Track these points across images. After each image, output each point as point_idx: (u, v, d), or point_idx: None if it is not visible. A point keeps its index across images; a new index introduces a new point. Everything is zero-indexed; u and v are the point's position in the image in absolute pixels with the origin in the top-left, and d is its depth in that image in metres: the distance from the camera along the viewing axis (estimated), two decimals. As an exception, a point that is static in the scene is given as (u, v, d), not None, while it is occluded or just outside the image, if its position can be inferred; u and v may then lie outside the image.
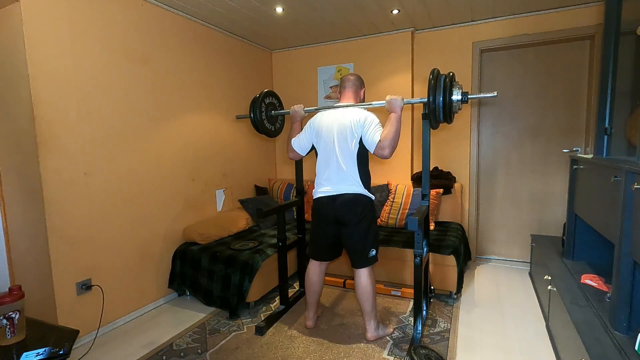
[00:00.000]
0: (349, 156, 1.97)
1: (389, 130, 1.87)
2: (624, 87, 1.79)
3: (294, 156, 2.23)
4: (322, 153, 2.06)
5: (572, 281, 1.97)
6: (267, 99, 2.41)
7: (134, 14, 2.45)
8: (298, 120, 2.27)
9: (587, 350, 1.35)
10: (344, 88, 2.15)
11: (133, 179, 2.46)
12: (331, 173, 2.01)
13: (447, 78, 1.84)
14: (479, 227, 3.51)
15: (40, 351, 1.36)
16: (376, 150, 1.88)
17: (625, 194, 1.35)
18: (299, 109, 2.24)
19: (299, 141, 2.17)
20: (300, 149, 2.18)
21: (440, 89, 1.82)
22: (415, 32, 3.44)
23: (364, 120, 1.95)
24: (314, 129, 2.10)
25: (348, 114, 2.00)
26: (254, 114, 2.31)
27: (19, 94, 1.95)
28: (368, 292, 2.03)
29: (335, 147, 1.98)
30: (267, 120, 2.40)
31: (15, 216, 2.12)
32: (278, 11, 2.85)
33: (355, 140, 1.96)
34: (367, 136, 1.91)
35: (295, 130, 2.24)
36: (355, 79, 2.16)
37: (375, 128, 1.92)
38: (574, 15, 2.90)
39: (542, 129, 3.21)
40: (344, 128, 1.97)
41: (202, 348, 2.08)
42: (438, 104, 1.82)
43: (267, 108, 2.39)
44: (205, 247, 2.71)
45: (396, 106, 1.93)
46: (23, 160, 2.01)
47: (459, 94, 1.83)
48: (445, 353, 1.98)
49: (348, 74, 2.19)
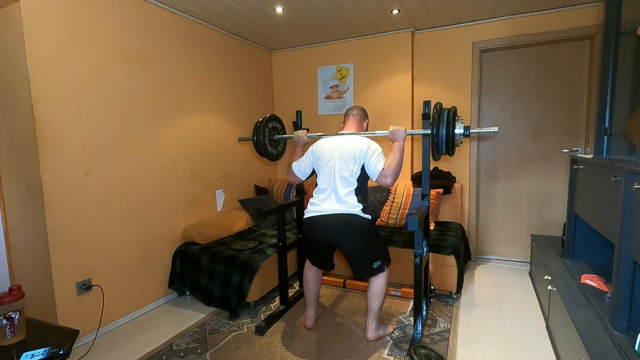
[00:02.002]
0: (347, 182, 1.97)
1: (393, 159, 1.89)
2: (624, 87, 1.78)
3: (294, 180, 2.22)
4: (321, 177, 2.06)
5: (572, 281, 1.97)
6: (271, 123, 2.41)
7: (133, 14, 2.45)
8: (301, 145, 2.27)
9: (587, 350, 1.35)
10: (348, 117, 2.19)
11: (133, 179, 2.46)
12: (328, 196, 2.00)
13: (449, 113, 1.87)
14: (479, 227, 3.51)
15: (40, 351, 1.36)
16: (379, 179, 1.90)
17: (625, 194, 1.35)
18: (302, 134, 2.25)
19: (300, 165, 2.17)
20: (300, 173, 2.18)
21: (444, 122, 1.85)
22: (415, 32, 3.44)
23: (367, 148, 1.96)
24: (316, 154, 2.11)
25: (351, 140, 2.02)
26: (257, 137, 2.30)
27: (19, 94, 1.95)
28: (380, 291, 2.04)
29: (335, 172, 1.98)
30: (270, 144, 2.41)
31: (15, 216, 2.12)
32: (278, 11, 2.85)
33: (358, 167, 1.97)
34: (370, 164, 1.93)
35: (297, 155, 2.25)
36: (359, 110, 2.21)
37: (379, 157, 1.94)
38: (574, 15, 2.90)
39: (542, 129, 3.21)
40: (346, 154, 1.98)
41: (202, 348, 2.08)
42: (441, 137, 1.86)
43: (270, 132, 2.40)
44: (205, 247, 2.71)
45: (399, 137, 1.96)
46: (23, 160, 2.01)
47: (461, 127, 1.87)
48: (445, 353, 1.98)
49: (353, 106, 2.22)
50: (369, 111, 3.58)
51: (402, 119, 3.46)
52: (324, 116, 3.85)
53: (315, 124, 3.85)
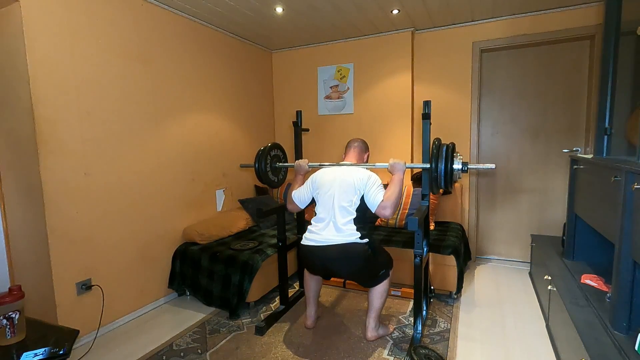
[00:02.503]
0: (346, 211, 1.97)
1: (393, 191, 1.91)
2: (624, 87, 1.78)
3: (293, 208, 2.23)
4: (320, 206, 2.06)
5: (572, 281, 1.97)
6: (273, 151, 2.44)
7: (133, 14, 2.45)
8: (301, 173, 2.30)
9: (587, 350, 1.35)
10: (349, 149, 2.22)
11: (133, 179, 2.46)
12: (326, 225, 2.00)
13: (448, 149, 1.91)
14: (479, 227, 3.51)
15: (40, 351, 1.36)
16: (378, 210, 1.90)
17: (625, 194, 1.35)
18: (303, 163, 2.28)
19: (300, 194, 2.19)
20: (299, 202, 2.19)
21: (442, 157, 1.89)
22: (416, 32, 3.44)
23: (367, 179, 1.98)
24: (316, 183, 2.12)
25: (352, 171, 2.04)
26: (259, 164, 2.33)
27: (19, 94, 1.95)
28: (383, 291, 2.06)
29: (335, 202, 1.99)
30: (272, 172, 2.43)
31: (15, 216, 2.12)
32: (278, 11, 2.85)
33: (357, 197, 1.97)
34: (370, 195, 1.94)
35: (297, 183, 2.27)
36: (361, 143, 2.25)
37: (378, 188, 1.95)
38: (574, 15, 2.90)
39: (542, 129, 3.21)
40: (346, 184, 1.99)
41: (202, 348, 2.08)
42: (440, 172, 1.89)
43: (272, 160, 2.42)
44: (205, 247, 2.71)
45: (399, 170, 1.99)
46: (23, 160, 2.01)
47: (460, 163, 1.91)
48: (445, 353, 1.98)
49: (354, 138, 2.27)
50: (369, 112, 3.62)
51: (402, 119, 3.46)
52: (324, 116, 3.85)
53: (316, 124, 3.85)
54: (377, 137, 3.59)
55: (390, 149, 3.54)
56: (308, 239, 2.03)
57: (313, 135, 3.91)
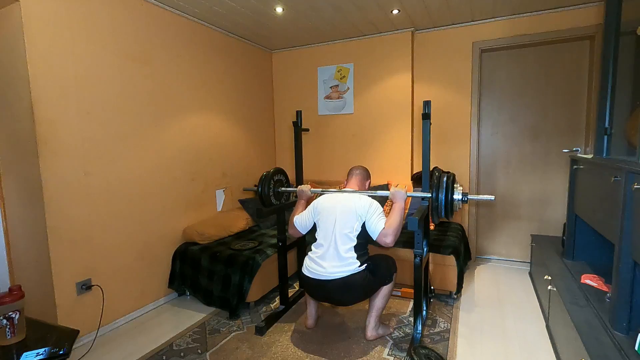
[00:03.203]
0: (347, 238, 1.97)
1: (394, 219, 1.92)
2: (624, 87, 1.78)
3: (294, 233, 2.25)
4: (321, 231, 2.06)
5: (572, 281, 1.97)
6: (276, 176, 2.46)
7: (133, 14, 2.45)
8: (303, 199, 2.31)
9: (587, 350, 1.35)
10: (351, 176, 2.26)
11: (133, 179, 2.46)
12: (326, 252, 1.98)
13: (448, 179, 1.94)
14: (479, 227, 3.51)
15: (40, 351, 1.36)
16: (379, 237, 1.91)
17: (625, 194, 1.35)
18: (305, 188, 2.30)
19: (301, 220, 2.19)
20: (301, 227, 2.20)
21: (443, 188, 1.92)
22: (416, 32, 3.44)
23: (368, 206, 1.98)
24: (317, 209, 2.13)
25: (353, 198, 2.04)
26: (262, 189, 2.34)
27: (19, 94, 1.95)
28: (386, 292, 2.07)
29: (336, 228, 1.99)
30: (274, 196, 2.44)
31: (15, 216, 2.12)
32: (278, 11, 2.85)
33: (359, 224, 1.97)
34: (371, 223, 1.94)
35: (299, 209, 2.28)
36: (362, 171, 2.28)
37: (380, 216, 1.96)
38: (574, 15, 2.90)
39: (542, 129, 3.21)
40: (347, 209, 2.00)
41: (202, 348, 2.08)
42: (440, 202, 1.92)
43: (275, 184, 2.44)
44: (205, 247, 2.71)
45: (400, 198, 1.99)
46: (23, 160, 2.01)
47: (459, 194, 1.94)
48: (445, 353, 1.98)
49: (356, 166, 2.30)
50: (369, 112, 3.62)
51: (402, 119, 3.46)
52: (324, 116, 3.85)
53: (316, 124, 3.85)
54: (377, 137, 3.59)
55: (390, 149, 3.54)
56: (309, 269, 2.02)
57: (313, 135, 3.91)
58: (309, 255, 2.06)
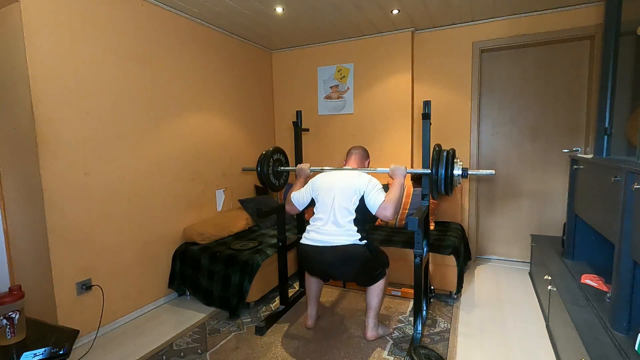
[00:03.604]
0: (346, 211, 1.97)
1: (394, 193, 1.93)
2: (624, 87, 1.79)
3: (291, 209, 2.25)
4: (320, 206, 2.07)
5: (572, 281, 1.97)
6: (275, 155, 2.45)
7: (133, 14, 2.45)
8: (302, 176, 2.31)
9: (587, 350, 1.35)
10: (350, 155, 2.26)
11: (133, 179, 2.46)
12: (325, 225, 1.99)
13: (448, 155, 1.92)
14: (479, 227, 3.51)
15: (40, 351, 1.36)
16: (379, 211, 1.91)
17: (625, 194, 1.35)
18: (305, 167, 2.30)
19: (299, 196, 2.19)
20: (298, 203, 2.20)
21: (443, 163, 1.90)
22: (416, 32, 3.44)
23: (367, 181, 2.00)
24: (316, 184, 2.13)
25: (352, 174, 2.05)
26: (262, 168, 2.34)
27: (19, 94, 1.95)
28: (379, 290, 2.06)
29: (334, 202, 1.99)
30: (273, 175, 2.43)
31: (15, 216, 2.12)
32: (278, 11, 2.85)
33: (357, 198, 1.98)
34: (371, 197, 1.95)
35: (297, 186, 2.27)
36: (362, 150, 2.28)
37: (379, 191, 1.97)
38: (574, 15, 2.90)
39: (542, 129, 3.21)
40: (346, 185, 2.01)
41: (202, 348, 2.08)
42: (440, 177, 1.91)
43: (274, 163, 2.44)
44: (205, 247, 2.71)
45: (399, 174, 2.01)
46: (23, 160, 2.01)
47: (460, 169, 1.93)
48: (445, 353, 1.98)
49: (355, 145, 2.30)
50: (369, 112, 3.62)
51: (402, 119, 3.46)
52: (324, 116, 3.85)
53: (316, 124, 3.85)
54: (377, 137, 3.59)
55: (390, 149, 3.54)
56: (307, 238, 2.03)
57: (313, 135, 3.91)
58: (308, 228, 2.07)
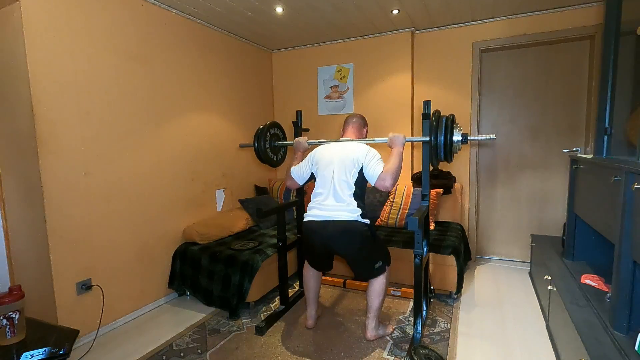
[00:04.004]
0: (346, 184, 1.98)
1: (392, 163, 1.92)
2: (624, 87, 1.78)
3: (291, 184, 2.24)
4: (320, 180, 2.07)
5: (572, 281, 1.97)
6: (272, 129, 2.44)
7: (133, 14, 2.45)
8: (301, 150, 2.31)
9: (587, 350, 1.35)
10: (347, 125, 2.22)
11: (133, 179, 2.46)
12: (326, 200, 2.00)
13: (448, 120, 1.90)
14: (479, 227, 3.51)
15: (40, 351, 1.36)
16: (377, 182, 1.91)
17: (625, 194, 1.35)
18: (302, 140, 2.29)
19: (299, 170, 2.20)
20: (298, 177, 2.20)
21: (442, 129, 1.88)
22: (415, 32, 3.44)
23: (366, 153, 1.99)
24: (315, 158, 2.13)
25: (350, 146, 2.05)
26: (258, 143, 2.33)
27: (19, 94, 1.95)
28: (380, 290, 2.05)
29: (334, 175, 2.00)
30: (271, 150, 2.43)
31: (15, 216, 2.12)
32: (278, 11, 2.85)
33: (355, 170, 1.98)
34: (369, 168, 1.94)
35: (297, 160, 2.28)
36: (359, 118, 2.25)
37: (377, 161, 1.96)
38: (574, 15, 2.90)
39: (542, 129, 3.21)
40: (345, 158, 2.00)
41: (202, 348, 2.08)
42: (439, 144, 1.89)
43: (271, 138, 2.43)
44: (205, 247, 2.71)
45: (398, 143, 2.00)
46: (23, 160, 2.01)
47: (459, 135, 1.90)
48: (445, 353, 1.98)
49: (352, 113, 2.25)
50: (369, 112, 3.62)
51: (402, 119, 3.46)
52: (324, 116, 3.85)
53: (316, 124, 3.85)
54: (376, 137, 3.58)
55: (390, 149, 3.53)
56: (310, 215, 2.04)
57: (313, 135, 3.89)
58: (310, 205, 2.08)
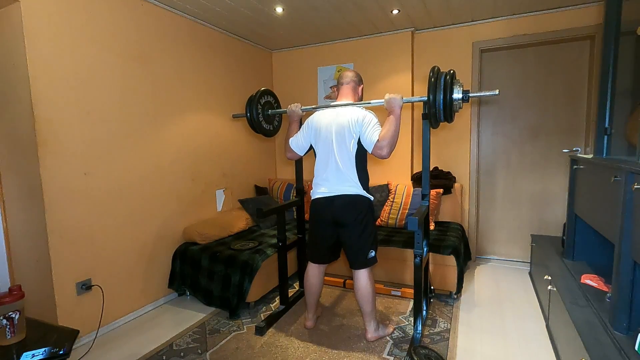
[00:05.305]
0: (347, 157, 1.96)
1: (388, 129, 1.84)
2: (624, 87, 1.78)
3: (292, 156, 2.18)
4: (320, 153, 2.05)
5: (572, 281, 1.97)
6: (264, 97, 2.36)
7: (133, 14, 2.45)
8: (295, 119, 2.23)
9: (587, 350, 1.35)
10: (342, 85, 2.11)
11: (133, 179, 2.46)
12: (329, 174, 1.99)
13: (447, 76, 1.79)
14: (479, 227, 3.51)
15: (40, 351, 1.36)
16: (374, 150, 1.85)
17: (625, 194, 1.35)
18: (295, 108, 2.20)
19: (297, 140, 2.14)
20: (298, 148, 2.15)
21: (441, 87, 1.77)
22: (415, 32, 3.44)
23: (362, 119, 1.92)
24: (312, 128, 2.08)
25: (346, 113, 1.97)
26: (251, 113, 2.27)
27: (19, 94, 1.95)
28: (368, 294, 2.02)
29: (334, 147, 1.97)
30: (264, 120, 2.37)
31: (15, 216, 2.12)
32: (278, 11, 2.85)
33: (354, 141, 1.94)
34: (366, 135, 1.88)
35: (293, 130, 2.20)
36: (354, 75, 2.12)
37: (374, 127, 1.89)
38: (574, 15, 2.90)
39: (542, 129, 3.21)
40: (342, 128, 1.95)
41: (202, 348, 2.08)
42: (438, 103, 1.77)
43: (263, 107, 2.35)
44: (205, 247, 2.71)
45: (395, 105, 1.90)
46: (23, 160, 2.01)
47: (460, 92, 1.78)
48: (445, 353, 1.98)
49: (345, 70, 2.14)
50: (369, 111, 3.61)
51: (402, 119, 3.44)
52: (324, 116, 3.84)
53: (315, 124, 3.84)
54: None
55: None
56: (318, 192, 2.05)
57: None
58: (315, 182, 2.08)
